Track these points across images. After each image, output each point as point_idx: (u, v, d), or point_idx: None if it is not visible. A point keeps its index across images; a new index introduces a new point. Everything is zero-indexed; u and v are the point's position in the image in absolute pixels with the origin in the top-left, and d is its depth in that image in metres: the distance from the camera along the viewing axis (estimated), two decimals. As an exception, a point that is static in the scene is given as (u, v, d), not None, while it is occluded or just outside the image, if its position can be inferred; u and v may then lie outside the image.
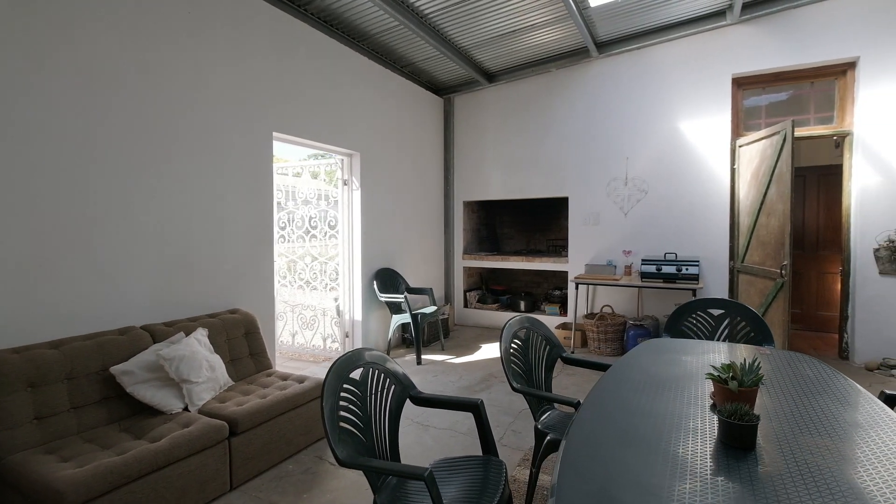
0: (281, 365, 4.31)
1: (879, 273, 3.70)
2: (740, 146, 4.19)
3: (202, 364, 2.43)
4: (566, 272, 5.24)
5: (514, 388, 1.90)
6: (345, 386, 1.50)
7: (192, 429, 2.07)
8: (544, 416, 2.12)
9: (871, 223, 3.72)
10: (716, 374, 1.38)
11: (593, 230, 4.95)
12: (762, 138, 3.82)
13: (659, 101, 4.53)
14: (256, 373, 2.91)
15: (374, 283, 4.54)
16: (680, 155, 4.45)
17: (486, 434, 1.72)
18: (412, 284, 5.19)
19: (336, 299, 4.58)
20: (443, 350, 4.77)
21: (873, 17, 3.66)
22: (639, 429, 1.29)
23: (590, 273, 4.75)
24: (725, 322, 2.54)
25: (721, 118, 4.25)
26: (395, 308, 4.62)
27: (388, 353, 4.56)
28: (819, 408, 1.40)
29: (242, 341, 2.95)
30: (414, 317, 4.36)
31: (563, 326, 4.91)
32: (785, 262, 3.43)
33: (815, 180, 5.05)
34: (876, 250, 3.69)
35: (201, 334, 2.61)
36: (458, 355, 4.57)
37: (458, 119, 5.85)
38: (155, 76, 2.69)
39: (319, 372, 4.13)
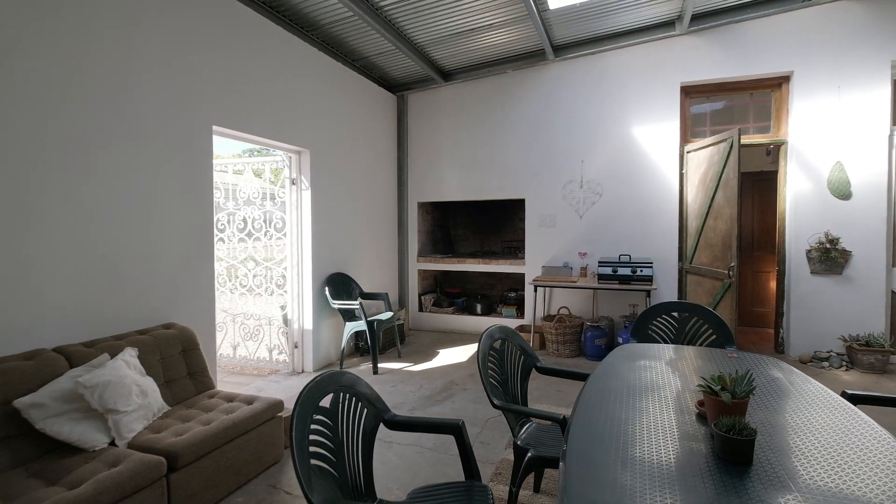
0: (222, 381, 3.97)
1: (811, 272, 4.05)
2: (688, 152, 4.42)
3: (131, 390, 2.13)
4: (522, 274, 5.28)
5: (494, 406, 1.82)
6: (315, 417, 1.34)
7: (122, 468, 1.79)
8: (522, 431, 2.06)
9: (804, 226, 4.06)
10: (707, 386, 1.38)
11: (550, 232, 5.03)
12: (709, 145, 4.05)
13: (613, 106, 4.68)
14: (197, 395, 2.62)
15: (326, 288, 4.31)
16: (633, 159, 4.63)
17: (468, 457, 1.62)
18: (366, 289, 5.00)
19: (283, 307, 4.30)
20: (400, 357, 4.62)
21: (805, 36, 4.00)
22: (635, 447, 1.25)
23: (547, 275, 4.82)
24: (689, 325, 2.63)
25: (671, 125, 4.46)
26: (349, 315, 4.42)
27: (341, 363, 4.35)
28: (801, 416, 1.44)
29: (179, 360, 2.64)
30: (370, 324, 4.18)
31: (521, 329, 4.93)
32: (732, 264, 3.65)
33: (750, 185, 5.46)
34: (808, 251, 4.04)
35: (130, 355, 2.30)
36: (416, 362, 4.45)
37: (412, 117, 5.72)
38: (75, 59, 2.33)
39: (266, 387, 3.84)
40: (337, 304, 4.26)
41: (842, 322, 3.95)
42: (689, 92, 4.50)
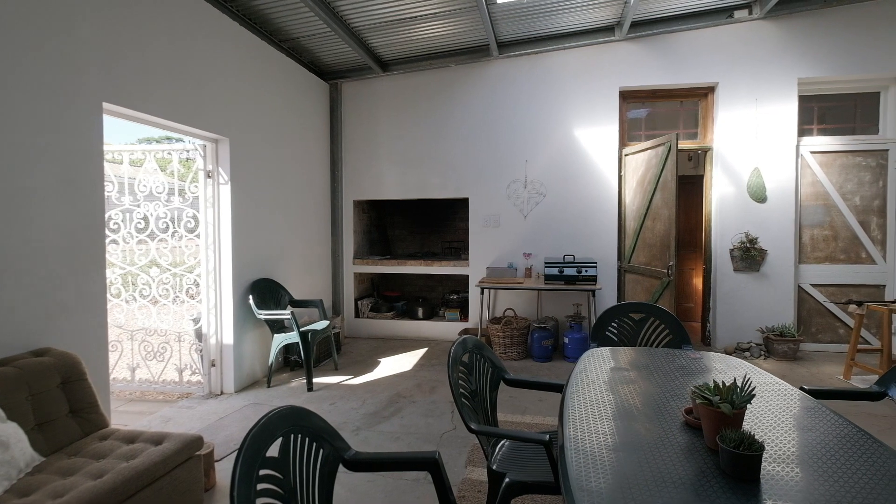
0: (119, 413, 3.31)
1: (734, 270, 4.37)
2: (626, 155, 4.57)
3: (-16, 443, 1.59)
4: (465, 275, 5.15)
5: (471, 430, 1.60)
6: (262, 473, 1.02)
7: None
8: (496, 452, 1.86)
9: (728, 227, 4.37)
10: (702, 396, 1.27)
11: (494, 232, 4.94)
12: (648, 148, 4.20)
13: (556, 107, 4.71)
14: (84, 437, 2.08)
15: (251, 297, 3.80)
16: (575, 160, 4.69)
17: (445, 494, 1.38)
18: (297, 296, 4.53)
19: (196, 319, 3.72)
20: (337, 370, 4.24)
21: (729, 50, 4.31)
22: (635, 472, 1.12)
23: (491, 276, 4.72)
24: (646, 326, 2.63)
25: (610, 128, 4.58)
26: (277, 326, 3.95)
27: (269, 381, 3.86)
28: (779, 418, 1.40)
29: (58, 395, 2.08)
30: (303, 335, 3.76)
31: (466, 332, 4.78)
32: (671, 263, 3.80)
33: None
34: (731, 250, 4.35)
35: (-18, 395, 1.73)
36: (356, 374, 4.10)
37: (347, 108, 5.33)
38: None
39: (177, 416, 3.27)
40: (264, 314, 3.78)
41: (759, 315, 4.31)
42: (627, 97, 4.66)
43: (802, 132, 4.34)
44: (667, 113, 4.79)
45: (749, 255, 4.25)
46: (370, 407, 3.37)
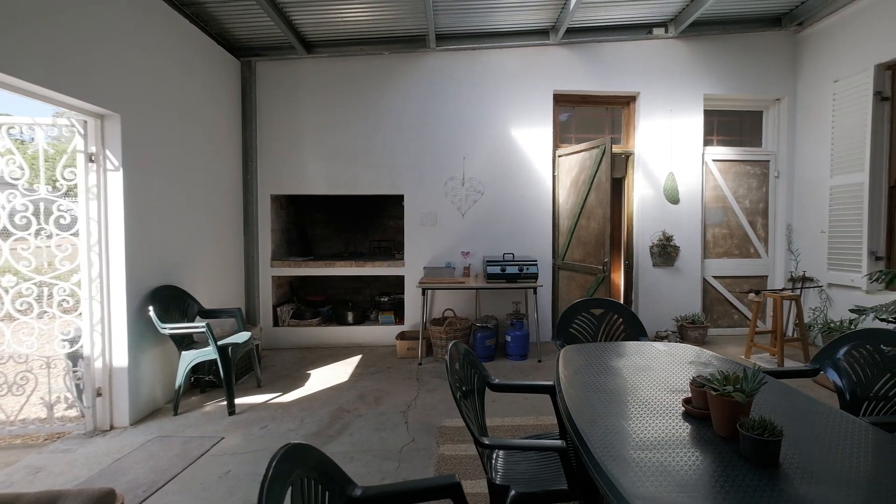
0: (-39, 471, 2.48)
1: (653, 265, 4.76)
2: (560, 156, 4.72)
3: None
4: (398, 276, 4.91)
5: (485, 446, 1.43)
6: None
7: None
8: (495, 463, 1.70)
9: (647, 226, 4.75)
10: (711, 386, 1.31)
11: (431, 231, 4.77)
12: (582, 150, 4.38)
13: (494, 105, 4.69)
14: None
15: (151, 308, 3.14)
16: (512, 159, 4.72)
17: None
18: (207, 305, 3.89)
19: (74, 339, 2.98)
20: (260, 387, 3.71)
21: (649, 64, 4.69)
22: (671, 470, 1.13)
23: (429, 276, 4.54)
24: (605, 322, 2.69)
25: (545, 129, 4.70)
26: (186, 342, 3.34)
27: (176, 407, 3.23)
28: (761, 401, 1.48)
29: None
30: (223, 350, 3.21)
31: (404, 336, 4.54)
32: (606, 259, 3.98)
33: (591, 191, 6.23)
34: (651, 247, 4.73)
35: None
36: (285, 390, 3.63)
37: (263, 91, 4.74)
38: None
39: (51, 464, 2.55)
40: (170, 328, 3.14)
41: (675, 305, 4.76)
42: (559, 100, 4.81)
43: (706, 142, 4.88)
44: (594, 117, 5.06)
45: (666, 252, 4.66)
46: (311, 426, 2.98)
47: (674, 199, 4.70)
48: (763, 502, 0.98)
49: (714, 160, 4.87)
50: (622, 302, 4.95)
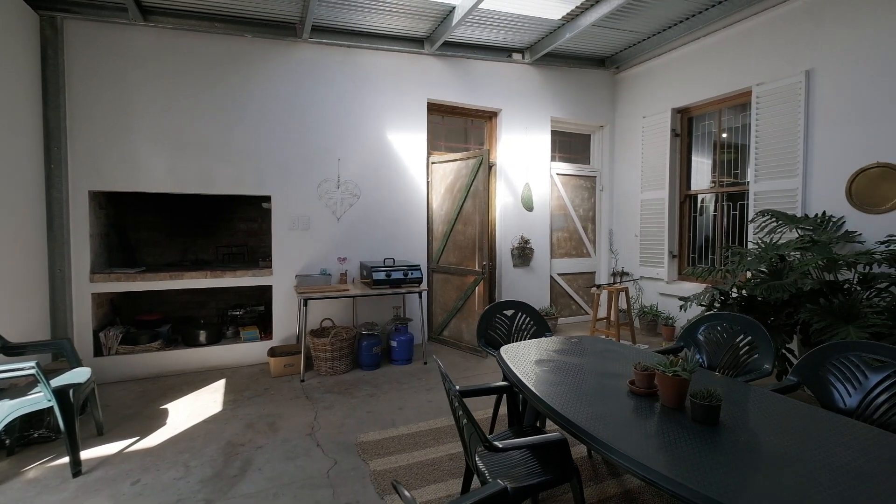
0: None
1: (514, 266, 5.53)
2: (433, 163, 5.10)
3: None
4: (268, 286, 4.62)
5: (498, 450, 1.72)
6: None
7: None
8: (479, 466, 1.92)
9: (508, 231, 5.50)
10: (663, 369, 1.80)
11: (303, 235, 4.61)
12: (458, 159, 4.83)
13: (369, 107, 4.77)
14: None
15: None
16: (389, 163, 4.89)
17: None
18: (11, 338, 3.08)
19: None
20: (102, 434, 3.12)
21: (510, 84, 5.39)
22: (647, 433, 1.57)
23: (304, 284, 4.43)
24: (516, 321, 3.19)
25: (420, 135, 5.00)
26: (-4, 390, 2.63)
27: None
28: None
29: None
30: (60, 395, 2.63)
31: (276, 353, 4.32)
32: (485, 262, 4.53)
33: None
34: (512, 250, 5.50)
35: None
36: (142, 433, 3.14)
37: (75, 58, 3.88)
38: None
39: None
40: (-29, 374, 2.43)
41: (531, 301, 5.58)
42: (432, 109, 5.17)
43: (553, 157, 5.89)
44: (462, 128, 5.59)
45: (524, 254, 5.49)
46: (202, 470, 2.68)
47: (529, 206, 5.57)
48: (715, 446, 1.46)
49: (558, 174, 5.92)
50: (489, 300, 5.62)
